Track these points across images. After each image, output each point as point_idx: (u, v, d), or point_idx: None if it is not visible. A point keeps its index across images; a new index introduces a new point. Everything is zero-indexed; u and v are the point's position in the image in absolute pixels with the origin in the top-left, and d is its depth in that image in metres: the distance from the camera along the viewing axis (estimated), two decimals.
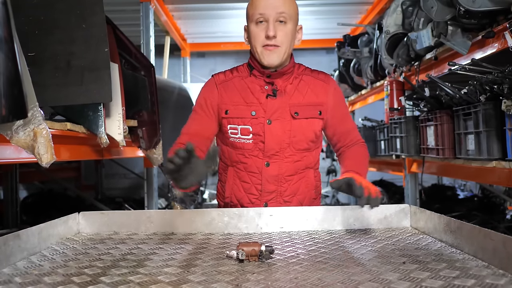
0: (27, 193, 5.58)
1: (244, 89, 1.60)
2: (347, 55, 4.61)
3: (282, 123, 1.57)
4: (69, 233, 1.44)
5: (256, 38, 1.54)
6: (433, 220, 1.33)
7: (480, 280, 0.89)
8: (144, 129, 2.81)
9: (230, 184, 1.65)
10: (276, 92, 1.57)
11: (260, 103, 1.58)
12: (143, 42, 4.25)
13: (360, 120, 4.49)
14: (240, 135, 1.58)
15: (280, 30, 1.52)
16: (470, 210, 3.94)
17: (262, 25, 1.52)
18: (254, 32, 1.54)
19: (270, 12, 1.50)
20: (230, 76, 1.64)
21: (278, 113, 1.57)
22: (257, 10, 1.52)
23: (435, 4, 2.27)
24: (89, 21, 1.97)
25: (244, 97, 1.59)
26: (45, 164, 1.46)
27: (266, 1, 1.51)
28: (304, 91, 1.61)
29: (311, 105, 1.60)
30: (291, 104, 1.58)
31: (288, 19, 1.53)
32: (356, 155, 1.62)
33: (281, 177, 1.60)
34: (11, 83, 1.18)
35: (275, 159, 1.59)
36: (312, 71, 1.68)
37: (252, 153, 1.59)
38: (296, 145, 1.59)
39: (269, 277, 0.95)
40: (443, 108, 2.57)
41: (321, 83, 1.64)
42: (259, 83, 1.59)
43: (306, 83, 1.63)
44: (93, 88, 1.96)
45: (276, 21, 1.51)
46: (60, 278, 0.96)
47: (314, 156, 1.67)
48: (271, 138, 1.57)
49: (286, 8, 1.52)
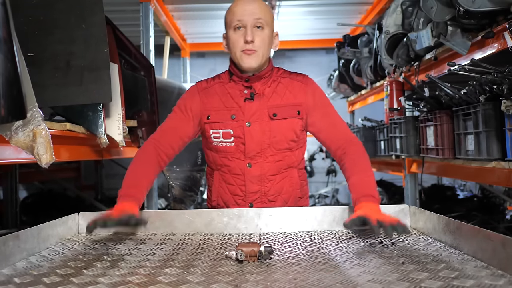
0: (27, 193, 5.58)
1: (225, 94, 1.66)
2: (347, 55, 4.61)
3: (261, 124, 1.62)
4: (69, 233, 1.44)
5: (235, 44, 1.60)
6: (433, 221, 1.33)
7: (479, 281, 0.89)
8: (144, 129, 2.81)
9: (216, 187, 1.71)
10: (253, 95, 1.63)
11: (239, 107, 1.63)
12: (143, 42, 4.25)
13: (360, 120, 4.50)
14: (222, 138, 1.64)
15: (257, 35, 1.59)
16: (470, 210, 3.94)
17: (240, 31, 1.59)
18: (233, 38, 1.61)
19: (248, 18, 1.58)
20: (212, 82, 1.71)
21: (256, 115, 1.62)
22: (235, 16, 1.59)
23: (435, 4, 2.27)
24: (88, 21, 1.96)
25: (225, 102, 1.65)
26: (44, 164, 1.45)
27: (243, 8, 1.59)
28: (282, 93, 1.65)
29: (289, 105, 1.64)
30: (269, 106, 1.63)
31: (264, 25, 1.60)
32: (359, 167, 1.54)
33: (263, 177, 1.64)
34: (10, 83, 1.17)
35: (256, 160, 1.63)
36: (291, 74, 1.72)
37: (234, 155, 1.64)
38: (276, 145, 1.63)
39: (268, 277, 0.95)
40: (443, 108, 2.57)
41: (299, 84, 1.68)
42: (238, 88, 1.65)
43: (284, 85, 1.67)
44: (93, 88, 1.96)
45: (253, 26, 1.59)
46: (59, 279, 0.97)
47: (297, 156, 1.69)
48: (251, 140, 1.61)
49: (262, 14, 1.60)
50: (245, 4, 1.60)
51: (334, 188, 7.03)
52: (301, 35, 6.50)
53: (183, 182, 4.23)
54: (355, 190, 1.46)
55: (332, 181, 7.22)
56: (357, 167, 1.54)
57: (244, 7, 1.59)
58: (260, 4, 1.62)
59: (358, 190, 1.45)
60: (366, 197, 1.41)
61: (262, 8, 1.61)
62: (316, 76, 7.21)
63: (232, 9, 1.62)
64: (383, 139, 3.79)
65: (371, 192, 1.43)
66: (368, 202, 1.39)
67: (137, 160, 1.58)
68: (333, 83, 5.59)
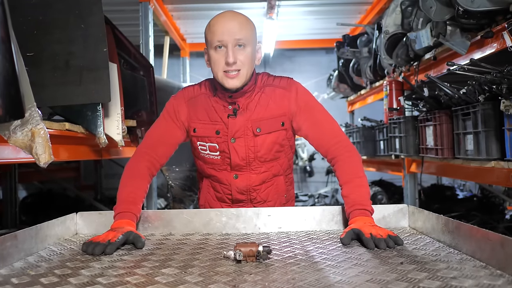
0: (26, 193, 5.58)
1: (209, 107, 1.63)
2: (346, 55, 4.61)
3: (245, 140, 1.60)
4: (67, 233, 1.44)
5: (217, 64, 1.54)
6: (431, 220, 1.33)
7: (478, 281, 0.89)
8: (143, 129, 2.81)
9: (204, 193, 1.74)
10: (236, 111, 1.60)
11: (224, 123, 1.60)
12: (142, 42, 4.25)
13: (359, 120, 4.50)
14: (209, 151, 1.64)
15: (239, 54, 1.52)
16: (469, 210, 3.94)
17: (221, 50, 1.52)
18: (214, 57, 1.54)
19: (228, 38, 1.50)
20: (198, 92, 1.66)
21: (240, 131, 1.60)
22: (215, 36, 1.51)
23: (434, 4, 2.27)
24: (88, 21, 1.96)
25: (210, 116, 1.62)
26: (42, 164, 1.45)
27: (223, 27, 1.51)
28: (266, 104, 1.61)
29: (273, 118, 1.60)
30: (253, 120, 1.59)
31: (246, 43, 1.53)
32: (350, 175, 1.50)
33: (249, 188, 1.65)
34: (8, 83, 1.17)
35: (243, 172, 1.64)
36: (274, 79, 1.66)
37: (220, 167, 1.65)
38: (261, 158, 1.63)
39: (266, 277, 0.95)
40: (442, 108, 2.57)
41: (281, 92, 1.62)
42: (222, 103, 1.61)
43: (267, 95, 1.62)
44: (92, 88, 1.96)
45: (234, 46, 1.51)
46: (56, 279, 0.96)
47: (282, 164, 1.68)
48: (236, 155, 1.61)
49: (243, 34, 1.51)
50: (225, 22, 1.52)
51: (333, 188, 7.03)
52: (301, 35, 6.50)
53: (182, 182, 4.23)
54: (348, 202, 1.44)
55: (331, 181, 7.22)
56: (347, 175, 1.50)
57: (224, 26, 1.51)
58: (240, 21, 1.53)
59: (350, 203, 1.43)
60: (359, 210, 1.40)
61: (243, 26, 1.52)
62: (315, 76, 7.29)
63: (212, 27, 1.53)
64: (383, 139, 3.79)
65: (363, 205, 1.41)
66: (361, 216, 1.38)
67: (130, 173, 1.54)
68: (332, 83, 5.59)
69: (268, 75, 1.68)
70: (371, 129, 4.18)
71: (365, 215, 1.38)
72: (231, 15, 1.54)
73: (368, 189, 1.48)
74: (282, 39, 6.35)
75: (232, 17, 1.53)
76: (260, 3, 5.02)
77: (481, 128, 2.12)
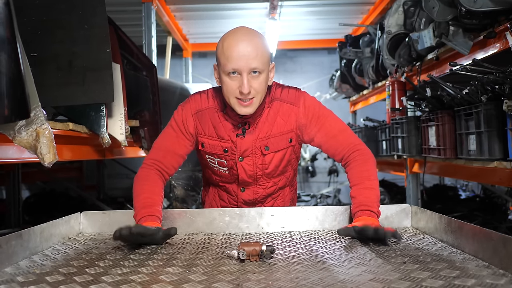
0: (30, 193, 5.60)
1: (217, 123, 1.59)
2: (348, 55, 4.61)
3: (254, 158, 1.60)
4: (71, 232, 1.44)
5: (229, 90, 1.47)
6: (434, 220, 1.33)
7: (480, 280, 0.89)
8: (146, 129, 2.82)
9: (210, 199, 1.76)
10: (245, 131, 1.57)
11: (232, 141, 1.58)
12: (145, 42, 4.26)
13: (362, 120, 4.50)
14: (218, 165, 1.64)
15: (254, 82, 1.46)
16: (471, 211, 3.94)
17: (235, 77, 1.45)
18: (227, 82, 1.47)
19: (243, 66, 1.42)
20: (206, 104, 1.61)
21: (249, 151, 1.59)
22: (229, 63, 1.43)
23: (437, 4, 2.27)
24: (91, 21, 1.97)
25: (218, 132, 1.59)
26: (47, 164, 1.46)
27: (238, 54, 1.42)
28: (273, 120, 1.58)
29: (280, 135, 1.58)
30: (261, 138, 1.57)
31: (262, 70, 1.46)
32: (361, 177, 1.50)
33: (256, 201, 1.68)
34: (14, 83, 1.18)
35: (250, 186, 1.66)
36: (282, 92, 1.60)
37: (228, 180, 1.67)
38: (269, 175, 1.64)
39: (270, 276, 0.96)
40: (445, 108, 2.57)
41: (289, 107, 1.58)
42: (231, 121, 1.58)
43: (275, 111, 1.58)
44: (95, 88, 1.97)
45: (249, 73, 1.44)
46: (62, 278, 0.97)
47: (288, 177, 1.70)
48: (244, 173, 1.62)
49: (258, 62, 1.44)
50: (240, 48, 1.42)
51: (336, 188, 7.03)
52: (303, 35, 6.51)
53: (185, 182, 4.24)
54: (354, 203, 1.44)
55: (334, 181, 7.22)
56: (358, 178, 1.50)
57: (239, 53, 1.42)
58: (256, 46, 1.44)
59: (357, 203, 1.43)
60: (364, 211, 1.39)
61: (259, 52, 1.44)
62: (317, 76, 7.29)
63: (226, 51, 1.43)
64: (385, 139, 3.79)
65: (370, 206, 1.40)
66: (365, 216, 1.38)
67: (142, 182, 1.51)
68: (335, 83, 5.59)
69: (276, 86, 1.62)
70: (373, 129, 4.18)
71: (370, 216, 1.38)
72: (247, 40, 1.44)
73: (377, 192, 1.46)
74: (284, 39, 6.35)
75: (248, 42, 1.43)
76: (262, 3, 5.03)
77: (484, 128, 2.12)
